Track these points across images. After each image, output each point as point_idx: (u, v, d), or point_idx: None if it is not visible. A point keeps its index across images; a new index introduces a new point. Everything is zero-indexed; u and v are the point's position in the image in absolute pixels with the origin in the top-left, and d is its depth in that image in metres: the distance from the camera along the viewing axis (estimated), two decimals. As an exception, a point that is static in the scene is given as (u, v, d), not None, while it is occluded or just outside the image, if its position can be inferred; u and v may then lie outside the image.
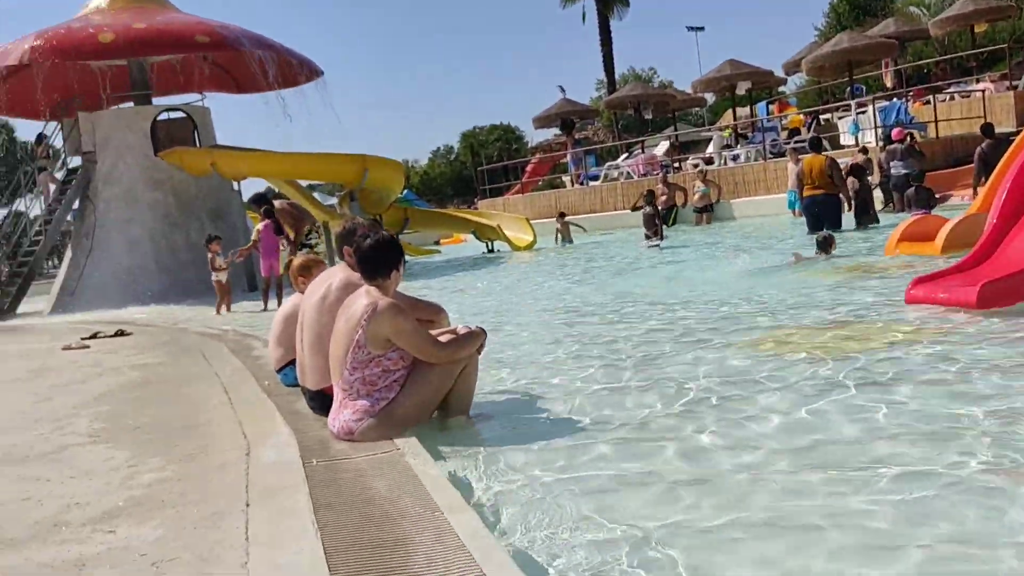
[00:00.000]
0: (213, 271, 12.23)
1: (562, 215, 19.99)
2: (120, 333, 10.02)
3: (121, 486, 3.62)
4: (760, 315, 6.65)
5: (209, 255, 12.26)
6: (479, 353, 4.37)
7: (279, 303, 11.75)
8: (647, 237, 14.56)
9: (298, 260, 5.75)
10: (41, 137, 18.94)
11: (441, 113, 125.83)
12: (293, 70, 18.16)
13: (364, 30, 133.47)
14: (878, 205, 15.60)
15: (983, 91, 21.31)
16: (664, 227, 16.41)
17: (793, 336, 5.64)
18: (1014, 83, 21.67)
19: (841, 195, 13.05)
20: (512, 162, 40.19)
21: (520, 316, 8.43)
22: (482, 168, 33.68)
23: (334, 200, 22.15)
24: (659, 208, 18.62)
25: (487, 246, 20.11)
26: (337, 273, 4.58)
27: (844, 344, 5.20)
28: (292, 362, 5.03)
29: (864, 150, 17.32)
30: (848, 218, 13.37)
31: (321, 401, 4.44)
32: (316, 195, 20.99)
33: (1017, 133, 12.53)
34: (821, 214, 12.96)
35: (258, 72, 16.89)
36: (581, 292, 9.80)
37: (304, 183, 19.20)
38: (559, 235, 19.08)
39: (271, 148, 17.66)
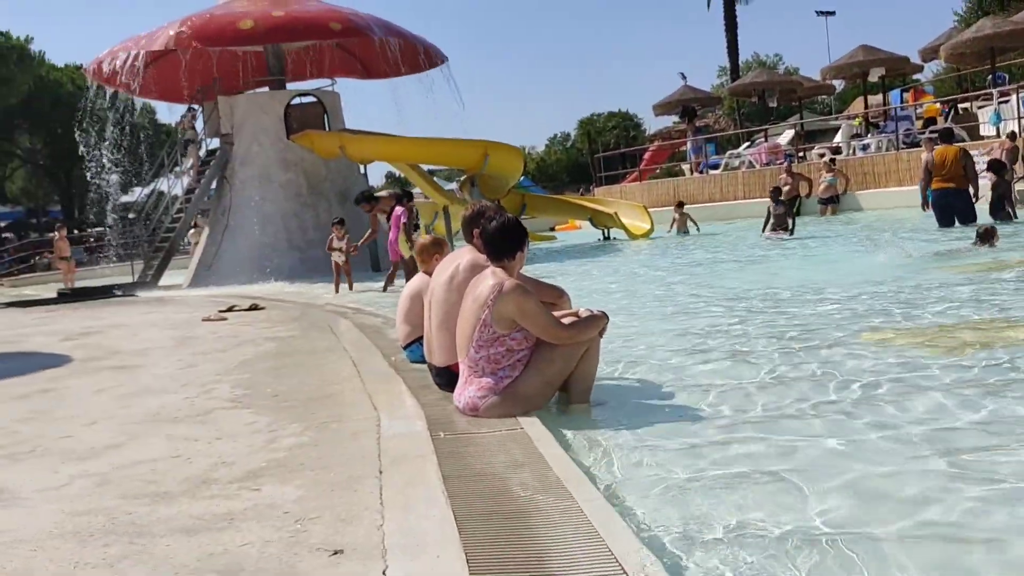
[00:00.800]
0: (330, 251, 12.71)
1: (680, 204, 19.73)
2: (254, 307, 10.54)
3: (263, 448, 3.87)
4: (903, 308, 6.42)
5: (332, 236, 12.75)
6: (600, 336, 4.43)
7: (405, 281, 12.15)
8: (773, 230, 14.20)
9: (427, 239, 5.95)
10: (190, 109, 19.96)
11: (558, 100, 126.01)
12: (419, 56, 18.55)
13: (484, 16, 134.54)
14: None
15: None
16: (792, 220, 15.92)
17: (940, 333, 5.45)
18: None
19: (971, 188, 12.46)
20: (630, 149, 39.93)
21: (640, 304, 8.42)
22: (599, 155, 33.57)
23: (453, 185, 22.56)
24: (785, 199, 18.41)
25: (603, 233, 20.07)
26: (465, 254, 4.72)
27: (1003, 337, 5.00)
28: (418, 339, 5.22)
29: (1013, 135, 16.40)
30: (983, 214, 12.71)
31: (447, 377, 4.60)
32: (436, 180, 21.43)
33: None
34: (953, 208, 12.40)
35: (386, 58, 17.36)
36: (701, 283, 9.70)
37: (426, 168, 19.63)
38: (674, 224, 18.85)
39: (394, 133, 18.13)
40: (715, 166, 26.44)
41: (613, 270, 12.47)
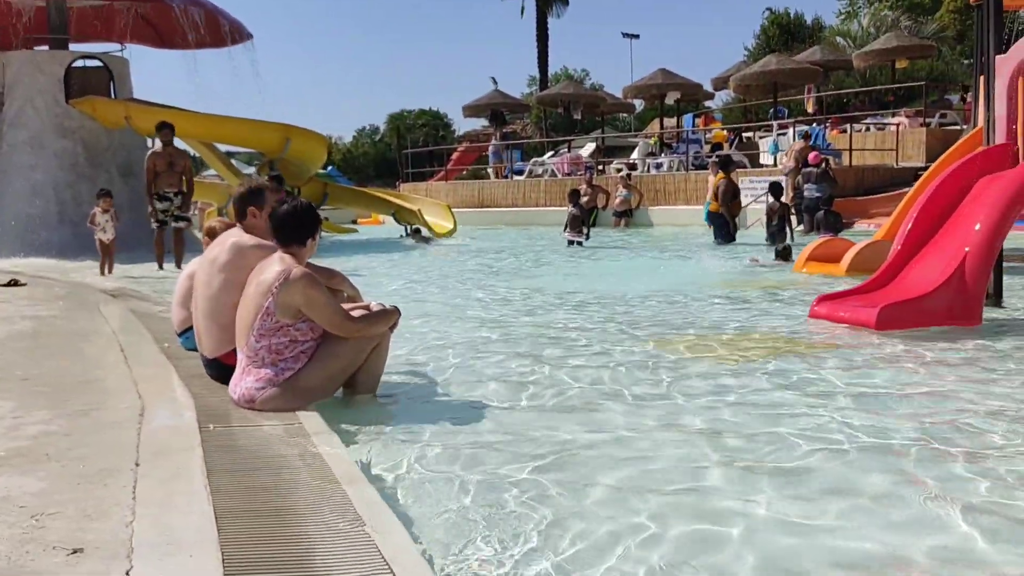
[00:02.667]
0: (92, 226, 11.56)
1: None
2: (14, 283, 9.55)
3: (3, 436, 3.45)
4: (669, 318, 6.81)
5: (95, 209, 11.57)
6: (391, 331, 4.33)
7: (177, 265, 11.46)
8: (571, 230, 14.66)
9: (217, 222, 5.59)
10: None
11: (369, 93, 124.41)
12: (221, 30, 17.61)
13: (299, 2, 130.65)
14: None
15: (897, 125, 22.19)
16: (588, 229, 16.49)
17: (698, 341, 5.79)
18: (927, 120, 22.63)
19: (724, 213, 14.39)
20: (438, 148, 40.05)
21: (434, 301, 8.39)
22: (407, 151, 33.41)
23: (252, 169, 21.62)
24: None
25: (406, 229, 19.96)
26: (232, 235, 4.46)
27: (739, 352, 5.37)
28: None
29: (806, 135, 18.15)
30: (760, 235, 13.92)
31: (217, 369, 4.33)
32: (234, 162, 20.46)
33: (926, 168, 13.07)
34: (715, 228, 14.32)
35: (186, 28, 16.34)
36: (497, 282, 9.82)
37: (223, 149, 18.69)
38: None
39: (190, 109, 17.11)
40: (520, 172, 27.01)
41: (412, 265, 12.39)
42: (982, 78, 7.36)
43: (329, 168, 31.83)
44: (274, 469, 3.03)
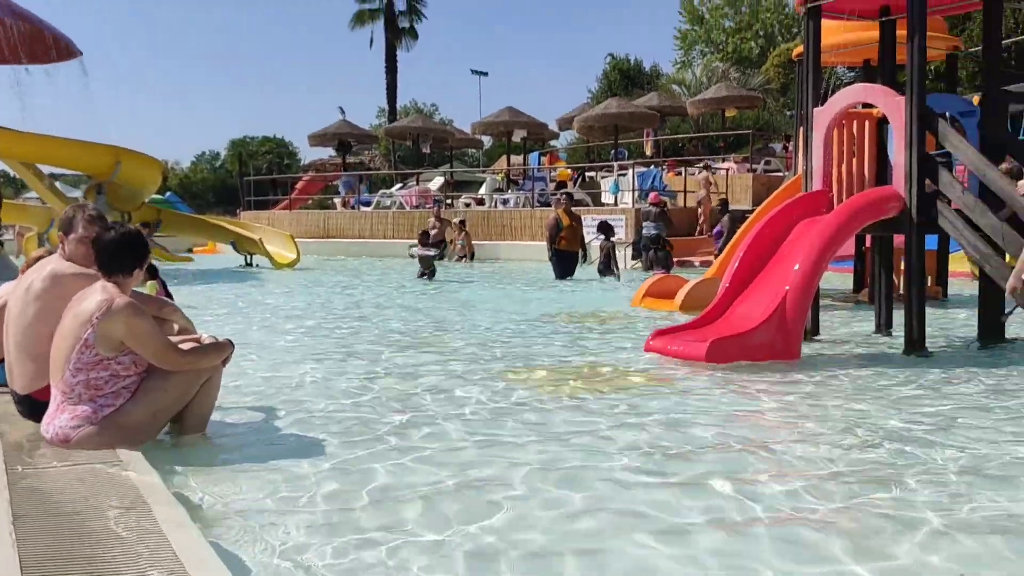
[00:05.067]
0: None
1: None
2: None
3: None
4: (512, 351, 6.88)
5: None
6: (224, 365, 4.16)
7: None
8: (421, 275, 14.62)
9: (40, 251, 5.20)
10: None
11: (211, 118, 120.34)
12: (48, 46, 16.58)
13: (139, 19, 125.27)
14: (630, 262, 16.75)
15: (727, 170, 23.54)
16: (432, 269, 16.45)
17: (533, 373, 5.88)
18: (753, 166, 24.12)
19: (547, 248, 14.81)
20: (282, 176, 39.17)
21: (271, 333, 8.14)
22: (249, 178, 32.47)
23: (78, 193, 20.39)
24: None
25: (245, 259, 19.34)
26: (50, 262, 4.17)
27: (577, 384, 5.49)
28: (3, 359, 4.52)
29: (707, 167, 18.78)
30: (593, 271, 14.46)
31: (30, 406, 4.01)
32: (59, 185, 19.22)
33: (752, 211, 13.90)
34: (558, 263, 14.65)
35: (6, 42, 15.27)
36: (339, 315, 9.63)
37: (48, 171, 17.54)
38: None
39: (10, 127, 15.98)
40: (367, 203, 26.77)
41: (250, 297, 11.98)
42: (801, 129, 7.92)
43: (167, 194, 30.49)
44: (87, 514, 2.82)
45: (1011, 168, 7.83)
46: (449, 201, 25.47)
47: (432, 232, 20.40)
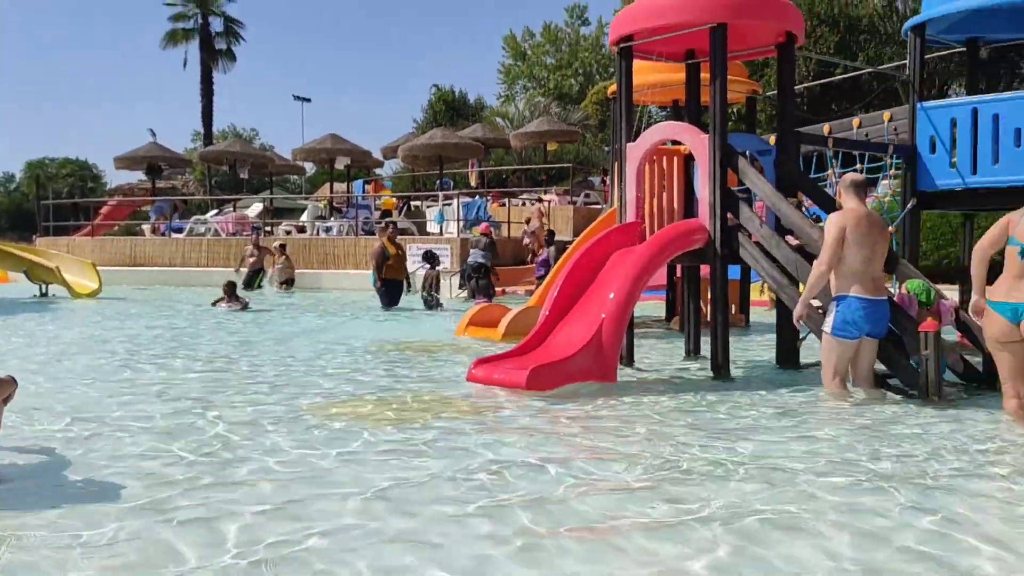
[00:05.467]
0: None
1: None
2: None
3: None
4: (327, 380, 6.69)
5: None
6: (6, 404, 3.78)
7: None
8: (225, 301, 14.00)
9: None
10: None
11: (3, 138, 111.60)
12: None
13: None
14: (456, 291, 16.79)
15: (549, 202, 24.18)
16: (248, 291, 15.91)
17: (356, 405, 5.74)
18: (573, 199, 24.92)
19: (374, 277, 14.64)
20: (85, 200, 36.77)
21: (62, 369, 7.53)
22: (47, 202, 30.23)
23: None
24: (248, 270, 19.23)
25: (40, 289, 17.90)
26: None
27: (400, 413, 5.40)
28: None
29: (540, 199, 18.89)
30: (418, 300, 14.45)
31: None
32: None
33: (571, 242, 14.29)
34: (384, 292, 14.42)
35: None
36: (142, 349, 9.05)
37: None
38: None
39: None
40: (179, 230, 25.50)
41: (43, 329, 11.06)
42: (617, 163, 8.22)
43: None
44: None
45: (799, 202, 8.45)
46: (268, 228, 24.70)
47: (250, 260, 19.74)
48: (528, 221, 19.10)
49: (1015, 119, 8.11)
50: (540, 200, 23.07)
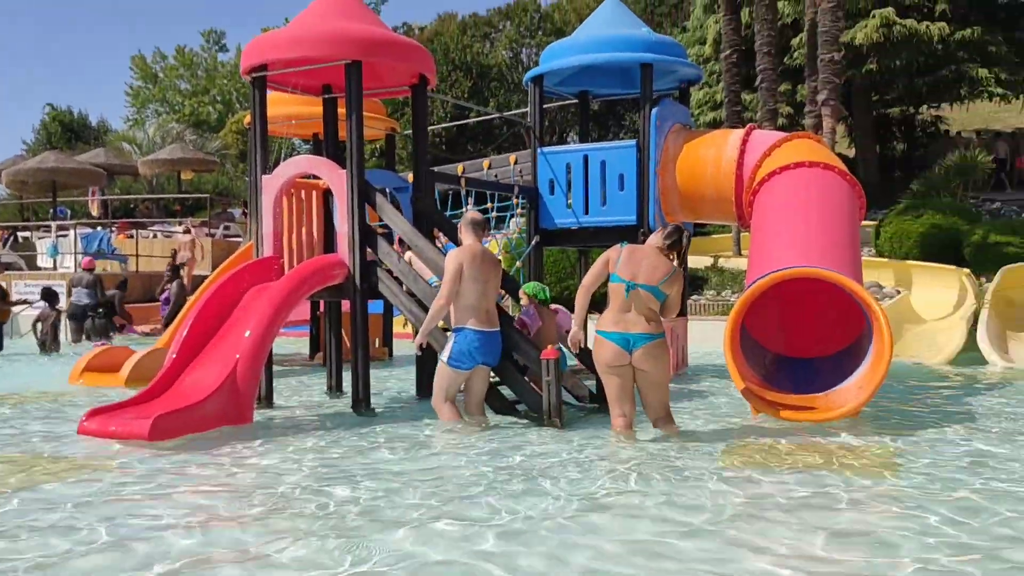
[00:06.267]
0: None
1: None
2: None
3: None
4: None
5: None
6: None
7: None
8: None
9: None
10: None
11: None
12: None
13: None
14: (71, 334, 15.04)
15: (184, 233, 22.75)
16: None
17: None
18: (212, 231, 23.69)
19: None
20: None
21: None
22: None
23: None
24: None
25: None
26: None
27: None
28: None
29: (188, 230, 17.13)
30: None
31: None
32: None
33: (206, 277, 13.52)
34: None
35: None
36: None
37: None
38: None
39: None
40: None
41: None
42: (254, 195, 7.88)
43: None
44: None
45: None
46: None
47: None
48: (175, 253, 17.68)
49: (619, 166, 9.07)
50: (189, 231, 21.61)
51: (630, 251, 5.73)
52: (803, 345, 7.84)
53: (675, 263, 5.72)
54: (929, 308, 12.81)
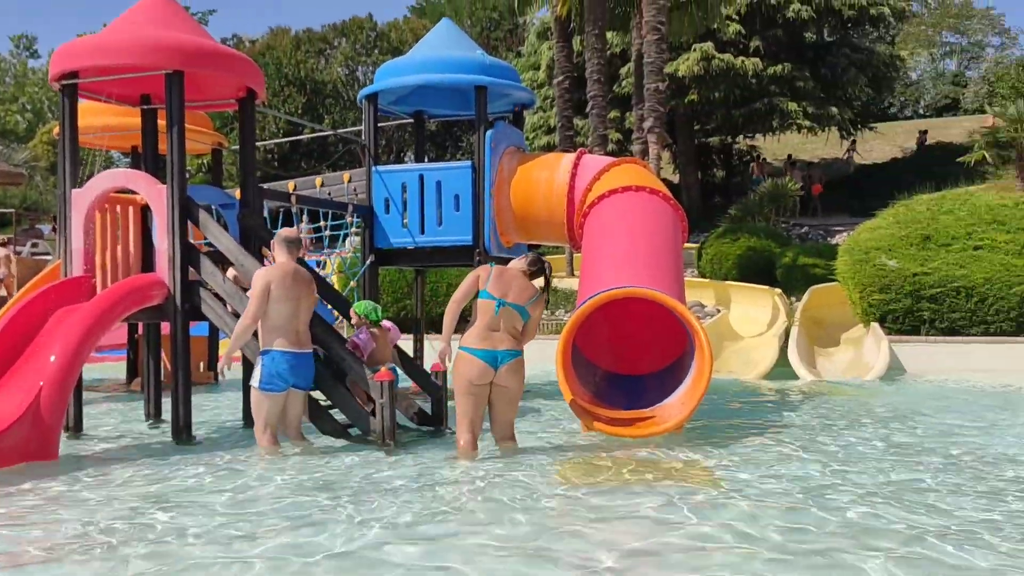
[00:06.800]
0: None
1: None
2: None
3: None
4: None
5: None
6: None
7: None
8: None
9: None
10: None
11: None
12: None
13: None
14: None
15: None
16: None
17: None
18: (18, 248, 21.93)
19: None
20: None
21: None
22: None
23: None
24: None
25: None
26: None
27: None
28: None
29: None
30: None
31: None
32: None
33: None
34: None
35: None
36: None
37: None
38: None
39: None
40: None
41: None
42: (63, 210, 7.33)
43: None
44: None
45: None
46: None
47: None
48: None
49: (455, 186, 9.08)
50: (5, 244, 19.84)
51: (499, 271, 5.82)
52: (633, 362, 8.09)
53: (540, 289, 5.86)
54: (745, 326, 13.58)
